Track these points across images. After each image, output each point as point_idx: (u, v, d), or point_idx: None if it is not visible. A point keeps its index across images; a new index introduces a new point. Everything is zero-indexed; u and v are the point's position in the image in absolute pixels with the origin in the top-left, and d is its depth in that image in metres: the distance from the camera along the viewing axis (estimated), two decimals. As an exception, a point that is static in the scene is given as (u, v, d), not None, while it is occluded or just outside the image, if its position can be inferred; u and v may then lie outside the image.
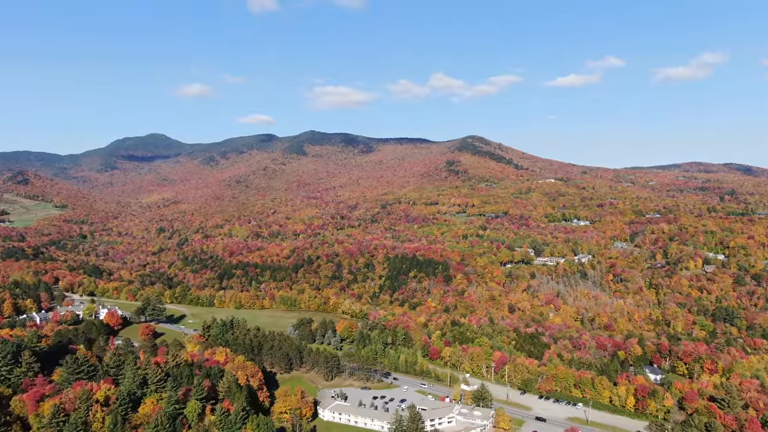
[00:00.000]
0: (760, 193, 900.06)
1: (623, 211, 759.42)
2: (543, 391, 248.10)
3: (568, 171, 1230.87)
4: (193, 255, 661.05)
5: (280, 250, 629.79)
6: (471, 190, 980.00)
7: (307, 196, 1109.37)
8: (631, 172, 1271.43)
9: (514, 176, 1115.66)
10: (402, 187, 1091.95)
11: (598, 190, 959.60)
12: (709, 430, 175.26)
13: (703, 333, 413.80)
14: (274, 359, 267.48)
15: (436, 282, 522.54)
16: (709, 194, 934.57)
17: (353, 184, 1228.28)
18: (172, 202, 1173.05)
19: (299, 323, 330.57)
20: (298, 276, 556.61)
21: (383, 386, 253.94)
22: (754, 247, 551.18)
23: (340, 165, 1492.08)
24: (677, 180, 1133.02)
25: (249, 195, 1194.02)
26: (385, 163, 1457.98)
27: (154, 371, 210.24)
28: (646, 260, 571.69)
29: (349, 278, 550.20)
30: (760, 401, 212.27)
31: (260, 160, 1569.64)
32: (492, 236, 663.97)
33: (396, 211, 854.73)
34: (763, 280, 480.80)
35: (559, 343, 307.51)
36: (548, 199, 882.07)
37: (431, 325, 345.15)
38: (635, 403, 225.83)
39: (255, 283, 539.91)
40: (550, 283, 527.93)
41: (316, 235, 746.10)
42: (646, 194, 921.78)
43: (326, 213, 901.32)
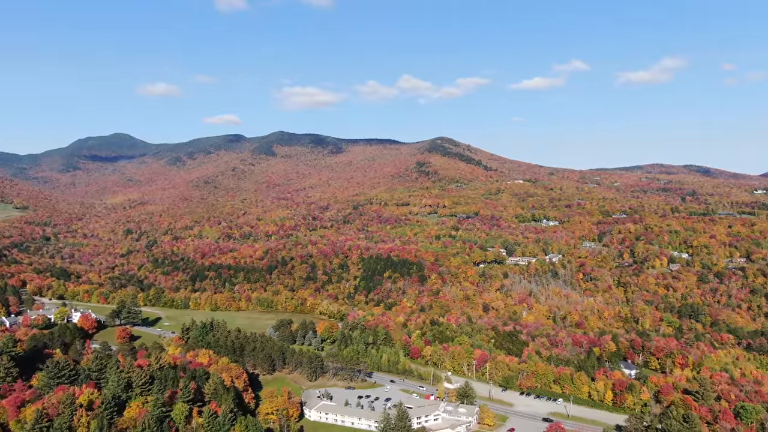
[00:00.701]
0: (719, 194, 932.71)
1: (591, 211, 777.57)
2: (524, 387, 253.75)
3: (536, 172, 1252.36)
4: (163, 257, 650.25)
5: (253, 252, 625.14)
6: (441, 191, 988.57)
7: (277, 197, 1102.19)
8: (597, 174, 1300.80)
9: (483, 177, 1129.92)
10: (373, 188, 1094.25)
11: (565, 191, 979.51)
12: (687, 421, 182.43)
13: (670, 329, 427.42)
14: (256, 360, 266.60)
15: (410, 282, 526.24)
16: (671, 195, 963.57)
17: (324, 185, 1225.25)
18: (139, 204, 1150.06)
19: (279, 324, 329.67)
20: (273, 277, 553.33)
21: (367, 386, 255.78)
22: (716, 246, 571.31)
23: (309, 166, 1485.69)
24: (641, 181, 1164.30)
25: (218, 196, 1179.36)
26: (355, 164, 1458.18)
27: (139, 374, 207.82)
28: (614, 259, 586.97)
29: (323, 279, 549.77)
30: (731, 393, 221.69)
31: (228, 161, 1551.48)
32: (464, 236, 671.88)
33: (368, 212, 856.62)
34: (726, 278, 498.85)
35: (537, 341, 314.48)
36: (518, 200, 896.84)
37: (410, 324, 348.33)
38: (613, 397, 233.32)
39: (229, 285, 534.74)
40: (523, 283, 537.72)
41: (288, 236, 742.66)
42: (612, 195, 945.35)
43: (298, 214, 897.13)
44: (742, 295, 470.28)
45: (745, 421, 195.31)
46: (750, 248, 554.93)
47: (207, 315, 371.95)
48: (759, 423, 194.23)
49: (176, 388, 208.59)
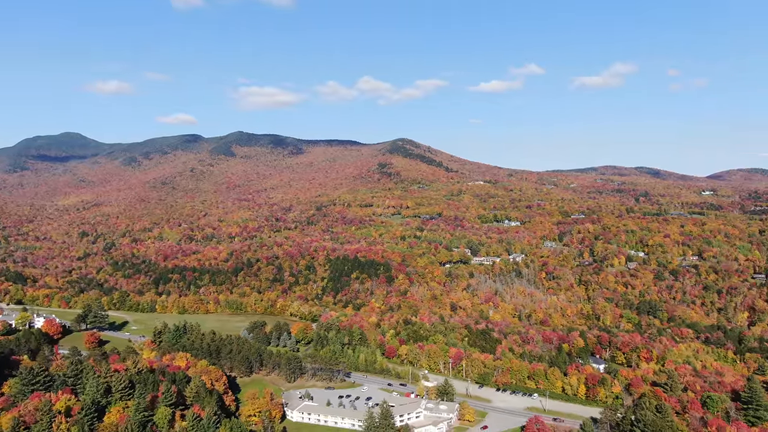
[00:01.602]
0: (671, 195, 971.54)
1: (550, 212, 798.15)
2: (500, 383, 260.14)
3: (495, 173, 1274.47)
4: (123, 260, 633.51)
5: (218, 253, 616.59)
6: (404, 192, 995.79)
7: (238, 198, 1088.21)
8: (553, 175, 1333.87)
9: (444, 179, 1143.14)
10: (335, 189, 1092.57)
11: (525, 192, 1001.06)
12: (660, 411, 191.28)
13: (629, 325, 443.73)
14: (233, 363, 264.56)
15: (378, 283, 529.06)
16: (625, 196, 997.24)
17: (285, 185, 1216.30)
18: (93, 205, 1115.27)
19: (253, 326, 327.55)
20: (239, 279, 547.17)
21: (347, 385, 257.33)
22: (670, 245, 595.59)
23: (270, 166, 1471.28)
24: (596, 183, 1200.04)
25: (176, 197, 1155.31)
26: (316, 164, 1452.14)
27: (118, 379, 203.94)
28: (575, 258, 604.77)
29: (290, 281, 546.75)
30: (697, 384, 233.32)
31: (186, 161, 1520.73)
32: (429, 237, 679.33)
33: (332, 213, 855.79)
34: (680, 276, 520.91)
35: (509, 338, 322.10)
36: (479, 201, 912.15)
37: (384, 324, 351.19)
38: (586, 391, 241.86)
39: (194, 288, 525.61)
40: (488, 282, 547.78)
41: (252, 237, 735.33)
42: (570, 196, 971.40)
43: (260, 215, 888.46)
44: (695, 292, 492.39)
45: (711, 410, 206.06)
46: (702, 247, 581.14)
47: (175, 318, 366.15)
48: (724, 411, 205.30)
49: (156, 392, 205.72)
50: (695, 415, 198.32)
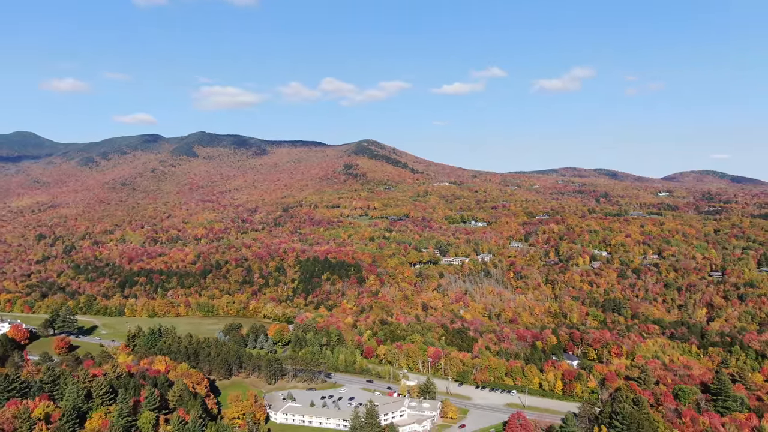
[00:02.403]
0: (629, 196, 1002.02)
1: (516, 212, 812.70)
2: (478, 381, 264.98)
3: (460, 175, 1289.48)
4: (85, 263, 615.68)
5: (185, 256, 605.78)
6: (371, 193, 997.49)
7: (202, 200, 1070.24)
8: (516, 176, 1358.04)
9: (410, 180, 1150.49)
10: (301, 190, 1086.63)
11: (490, 193, 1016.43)
12: (636, 404, 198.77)
13: (595, 323, 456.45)
14: (212, 366, 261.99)
15: (349, 284, 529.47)
16: (586, 197, 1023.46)
17: (249, 187, 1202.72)
18: (50, 207, 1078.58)
19: (229, 329, 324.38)
20: (207, 282, 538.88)
21: (328, 386, 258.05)
22: (632, 245, 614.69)
23: (233, 167, 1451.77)
24: (557, 184, 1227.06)
25: (137, 198, 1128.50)
26: (281, 165, 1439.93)
27: (99, 384, 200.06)
28: (541, 258, 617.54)
29: (260, 282, 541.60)
30: (668, 378, 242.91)
31: (146, 162, 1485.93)
32: (398, 238, 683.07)
33: (299, 215, 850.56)
34: (642, 274, 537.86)
35: (485, 337, 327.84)
36: (445, 202, 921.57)
37: (360, 325, 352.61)
38: (563, 386, 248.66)
39: (161, 291, 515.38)
40: (458, 282, 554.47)
41: (219, 239, 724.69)
42: (533, 197, 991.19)
43: (226, 216, 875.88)
44: (657, 289, 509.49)
45: (683, 402, 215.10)
46: (661, 246, 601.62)
47: (144, 322, 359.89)
48: (695, 403, 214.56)
49: (138, 397, 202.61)
50: (669, 407, 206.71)
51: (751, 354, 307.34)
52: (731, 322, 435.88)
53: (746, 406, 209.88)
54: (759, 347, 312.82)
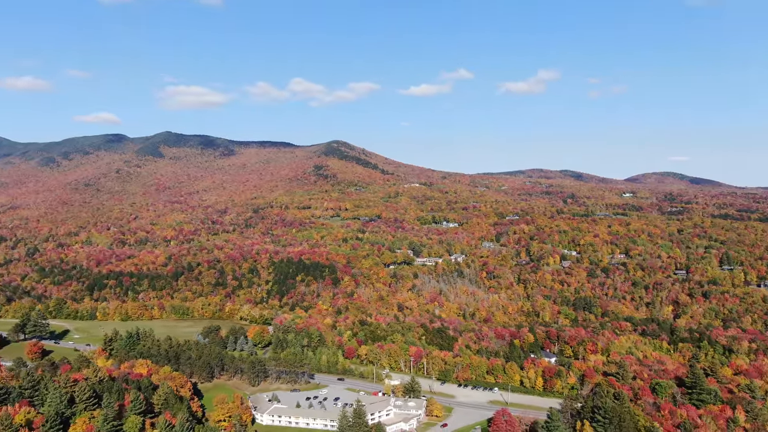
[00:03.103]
0: (595, 197, 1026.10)
1: (486, 213, 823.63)
2: (461, 379, 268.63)
3: (430, 176, 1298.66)
4: (51, 266, 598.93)
5: (155, 258, 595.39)
6: (342, 194, 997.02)
7: (169, 201, 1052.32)
8: (485, 178, 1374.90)
9: (381, 181, 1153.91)
10: (271, 191, 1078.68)
11: (460, 194, 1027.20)
12: (617, 398, 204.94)
13: (567, 321, 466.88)
14: (194, 368, 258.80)
15: (324, 285, 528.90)
16: (554, 198, 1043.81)
17: (218, 187, 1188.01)
18: (9, 208, 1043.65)
19: (208, 331, 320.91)
20: (179, 284, 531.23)
21: (312, 387, 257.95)
22: (600, 244, 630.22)
23: (201, 168, 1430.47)
24: (525, 185, 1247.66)
25: (102, 199, 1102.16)
26: (250, 166, 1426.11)
27: (82, 388, 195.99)
28: (513, 258, 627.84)
29: (234, 284, 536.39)
30: (644, 372, 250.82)
31: (110, 162, 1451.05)
32: (371, 239, 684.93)
33: (270, 216, 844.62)
34: (611, 273, 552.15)
35: (464, 336, 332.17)
36: (417, 203, 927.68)
37: (340, 325, 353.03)
38: (543, 383, 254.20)
39: (132, 293, 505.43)
40: (432, 282, 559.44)
41: (189, 240, 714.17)
42: (503, 198, 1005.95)
43: (195, 218, 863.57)
44: (625, 288, 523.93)
45: (660, 396, 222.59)
46: (628, 245, 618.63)
47: (117, 325, 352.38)
48: (671, 396, 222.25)
49: (122, 401, 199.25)
50: (648, 400, 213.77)
51: (718, 349, 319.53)
52: (696, 318, 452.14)
53: (719, 399, 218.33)
54: (726, 342, 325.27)
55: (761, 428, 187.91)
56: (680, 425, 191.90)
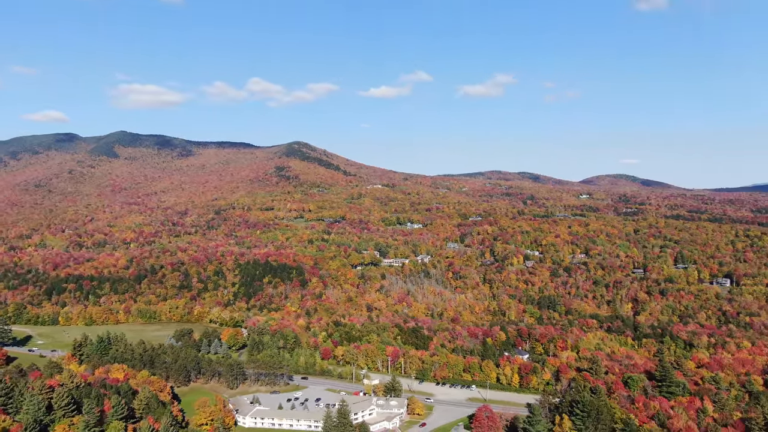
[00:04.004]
0: (554, 198, 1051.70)
1: (450, 214, 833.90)
2: (438, 378, 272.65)
3: (392, 177, 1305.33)
4: (4, 270, 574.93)
5: (115, 260, 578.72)
6: (305, 196, 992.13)
7: (126, 202, 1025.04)
8: (446, 179, 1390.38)
9: (343, 182, 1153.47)
10: (232, 192, 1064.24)
11: (422, 195, 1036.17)
12: (594, 392, 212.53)
13: (532, 319, 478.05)
14: (170, 372, 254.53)
15: (292, 287, 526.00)
16: (514, 199, 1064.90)
17: (177, 189, 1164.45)
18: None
19: (180, 334, 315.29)
20: (143, 287, 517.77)
21: (291, 388, 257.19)
22: (561, 244, 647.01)
23: (158, 169, 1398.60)
24: (485, 186, 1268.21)
25: (55, 201, 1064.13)
26: (209, 167, 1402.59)
27: (60, 395, 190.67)
28: (478, 258, 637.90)
29: (199, 287, 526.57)
30: (615, 367, 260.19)
31: (62, 162, 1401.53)
32: (337, 240, 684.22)
33: (232, 217, 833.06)
34: (573, 272, 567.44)
35: (439, 335, 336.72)
36: (380, 204, 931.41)
37: (314, 327, 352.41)
38: (520, 379, 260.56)
39: (93, 297, 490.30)
40: (399, 283, 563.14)
41: (150, 243, 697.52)
42: (465, 199, 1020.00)
43: (155, 220, 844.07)
44: (587, 286, 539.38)
45: (632, 389, 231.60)
46: (588, 245, 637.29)
47: (82, 330, 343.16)
48: (643, 389, 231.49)
49: (102, 407, 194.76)
50: (622, 394, 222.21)
51: (680, 344, 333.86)
52: (655, 315, 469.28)
53: (687, 391, 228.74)
54: (686, 337, 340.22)
55: (729, 417, 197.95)
56: (654, 416, 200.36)
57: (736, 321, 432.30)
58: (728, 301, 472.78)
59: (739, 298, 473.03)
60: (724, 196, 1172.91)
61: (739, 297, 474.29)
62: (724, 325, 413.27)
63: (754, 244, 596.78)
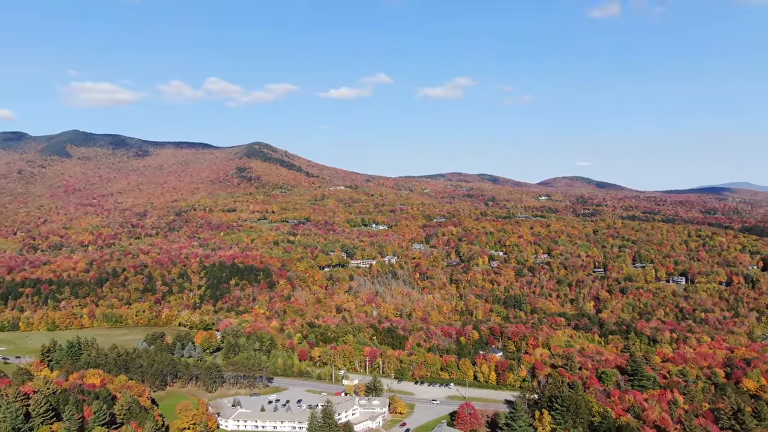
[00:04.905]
0: (514, 200, 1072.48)
1: (414, 216, 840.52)
2: (417, 377, 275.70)
3: (354, 179, 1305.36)
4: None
5: (74, 263, 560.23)
6: (267, 197, 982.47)
7: (82, 203, 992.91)
8: (408, 181, 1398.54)
9: (306, 183, 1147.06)
10: (192, 193, 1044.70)
11: (386, 196, 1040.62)
12: (572, 387, 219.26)
13: (499, 318, 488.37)
14: (145, 377, 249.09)
15: (260, 288, 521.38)
16: (475, 201, 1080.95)
17: (134, 189, 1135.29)
18: None
19: (152, 338, 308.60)
20: (104, 291, 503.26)
21: (271, 390, 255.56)
22: (524, 245, 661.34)
23: (113, 169, 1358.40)
24: (447, 188, 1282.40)
25: (4, 202, 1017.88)
26: (167, 168, 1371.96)
27: (38, 402, 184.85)
28: (444, 259, 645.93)
29: (163, 290, 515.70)
30: (588, 363, 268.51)
31: (10, 162, 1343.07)
32: (303, 241, 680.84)
33: (194, 219, 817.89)
34: (537, 272, 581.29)
35: (414, 335, 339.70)
36: (344, 206, 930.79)
37: (288, 328, 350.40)
38: (497, 377, 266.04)
39: (52, 302, 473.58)
40: (368, 284, 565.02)
41: (109, 245, 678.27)
42: (428, 201, 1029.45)
43: (113, 221, 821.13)
44: (551, 285, 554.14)
45: (606, 383, 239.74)
46: (550, 246, 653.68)
47: (45, 336, 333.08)
48: (616, 383, 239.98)
49: (82, 413, 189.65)
50: (597, 388, 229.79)
51: (644, 339, 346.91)
52: (616, 312, 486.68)
53: (657, 384, 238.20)
54: (650, 333, 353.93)
55: (699, 408, 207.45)
56: (629, 409, 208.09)
57: (693, 317, 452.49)
58: (684, 298, 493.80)
59: (695, 295, 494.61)
60: (675, 198, 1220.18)
61: (695, 294, 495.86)
62: (683, 321, 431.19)
63: (706, 244, 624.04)
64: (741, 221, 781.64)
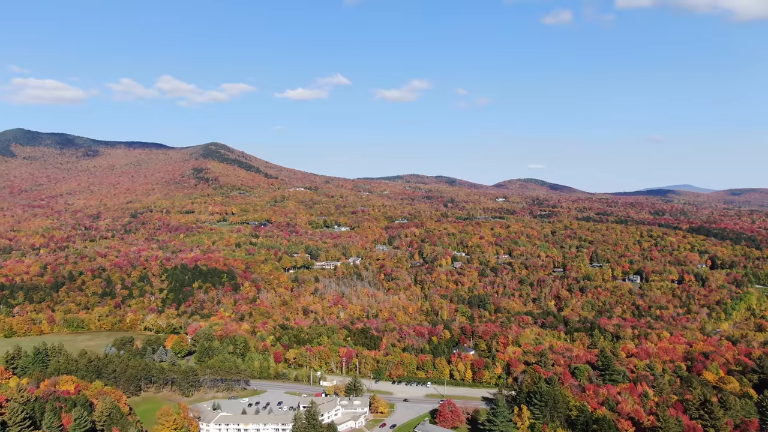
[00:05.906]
0: (473, 201, 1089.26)
1: (376, 217, 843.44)
2: (394, 376, 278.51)
3: (313, 180, 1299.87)
4: None
5: (27, 267, 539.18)
6: (226, 198, 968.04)
7: (29, 205, 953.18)
8: (367, 182, 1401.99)
9: (265, 185, 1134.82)
10: (147, 194, 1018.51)
11: (346, 198, 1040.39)
12: (549, 383, 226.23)
13: (464, 318, 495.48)
14: (118, 383, 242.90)
15: (224, 291, 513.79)
16: (435, 202, 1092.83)
17: (85, 190, 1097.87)
18: None
19: (121, 343, 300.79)
20: (61, 295, 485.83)
21: (249, 393, 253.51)
22: (486, 246, 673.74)
23: (62, 169, 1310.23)
24: (405, 190, 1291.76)
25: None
26: (119, 168, 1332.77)
27: (14, 410, 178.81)
28: (408, 260, 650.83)
29: (123, 294, 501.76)
30: (560, 359, 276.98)
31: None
32: (266, 243, 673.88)
33: (151, 221, 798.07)
34: (499, 272, 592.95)
35: (388, 335, 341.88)
36: (305, 207, 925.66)
37: (260, 331, 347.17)
38: (473, 375, 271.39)
39: (5, 307, 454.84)
40: (333, 285, 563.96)
41: (63, 248, 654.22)
42: (388, 202, 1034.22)
43: (64, 223, 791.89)
44: (513, 285, 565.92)
45: (579, 379, 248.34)
46: (511, 246, 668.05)
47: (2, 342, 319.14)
48: (588, 378, 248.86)
49: (60, 421, 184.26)
50: (572, 383, 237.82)
51: (608, 336, 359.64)
52: (576, 311, 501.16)
53: (627, 378, 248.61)
54: (613, 330, 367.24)
55: (668, 400, 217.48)
56: (604, 402, 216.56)
57: (649, 314, 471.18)
58: (640, 296, 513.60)
59: (649, 293, 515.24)
60: (625, 200, 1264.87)
61: (649, 292, 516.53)
62: (641, 318, 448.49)
63: (658, 244, 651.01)
64: (688, 222, 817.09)
